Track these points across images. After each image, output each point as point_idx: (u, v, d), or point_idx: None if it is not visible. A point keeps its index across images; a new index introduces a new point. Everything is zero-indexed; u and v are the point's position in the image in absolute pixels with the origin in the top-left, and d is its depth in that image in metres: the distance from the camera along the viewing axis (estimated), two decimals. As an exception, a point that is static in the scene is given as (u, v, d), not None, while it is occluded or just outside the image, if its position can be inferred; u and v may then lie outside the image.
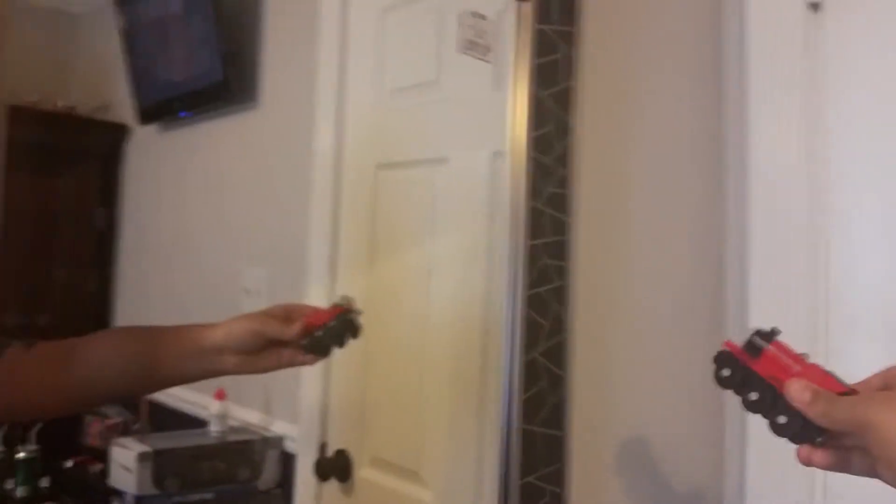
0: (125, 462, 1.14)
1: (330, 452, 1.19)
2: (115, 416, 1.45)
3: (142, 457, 1.15)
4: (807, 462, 0.47)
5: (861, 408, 0.44)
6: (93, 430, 1.49)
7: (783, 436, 0.47)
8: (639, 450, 0.92)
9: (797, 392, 0.46)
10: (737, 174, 0.95)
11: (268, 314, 0.63)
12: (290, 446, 1.27)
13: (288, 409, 1.31)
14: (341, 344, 0.64)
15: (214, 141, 1.52)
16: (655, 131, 0.94)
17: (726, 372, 0.51)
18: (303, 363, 0.63)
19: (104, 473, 1.20)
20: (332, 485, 1.18)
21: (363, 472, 1.16)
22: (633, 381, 0.83)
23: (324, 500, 1.19)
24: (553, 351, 0.78)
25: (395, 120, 1.14)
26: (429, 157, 1.06)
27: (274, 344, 0.62)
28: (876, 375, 0.48)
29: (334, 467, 1.19)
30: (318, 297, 1.22)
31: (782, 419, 0.48)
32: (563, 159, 0.78)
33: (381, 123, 1.18)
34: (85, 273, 1.58)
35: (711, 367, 0.52)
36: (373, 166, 1.17)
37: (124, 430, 1.40)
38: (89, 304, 1.62)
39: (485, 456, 0.92)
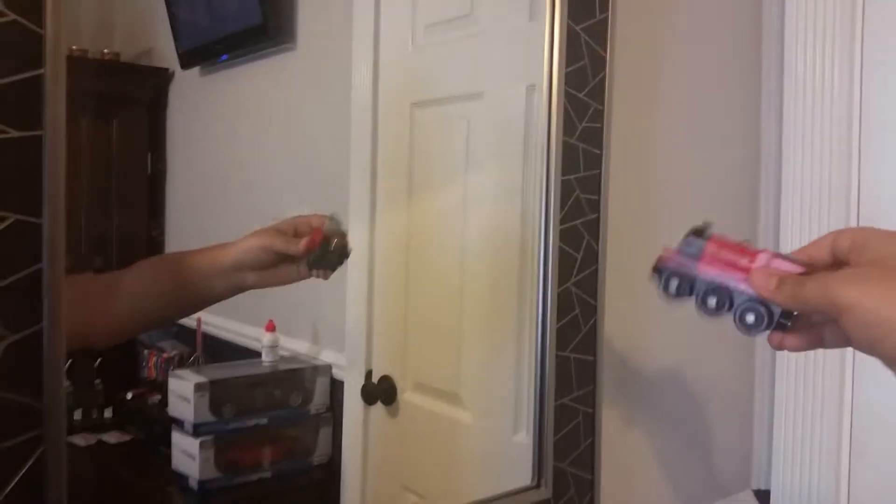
0: (183, 392, 1.22)
1: (375, 378, 1.26)
2: (171, 349, 1.54)
3: (199, 387, 1.22)
4: (779, 347, 0.46)
5: (833, 288, 0.41)
6: (150, 363, 1.58)
7: (754, 332, 0.45)
8: (667, 375, 0.96)
9: (761, 281, 0.44)
10: (773, 102, 0.96)
11: (277, 229, 0.66)
12: (337, 373, 1.34)
13: (334, 339, 1.37)
14: (338, 263, 0.65)
15: (255, 83, 1.55)
16: (690, 65, 0.94)
17: (673, 282, 0.47)
18: (316, 276, 0.66)
19: (163, 404, 1.28)
20: (378, 408, 1.25)
21: (406, 396, 1.22)
22: (662, 309, 0.86)
23: (370, 422, 1.27)
24: (586, 281, 0.82)
25: (429, 57, 1.16)
26: (464, 93, 1.08)
27: (288, 258, 0.64)
28: (821, 241, 0.46)
29: (379, 392, 1.26)
30: (359, 232, 1.27)
31: (750, 317, 0.45)
32: (598, 94, 0.79)
33: (416, 61, 1.20)
34: (137, 217, 1.64)
35: (653, 280, 0.48)
36: (408, 104, 1.19)
37: (180, 363, 1.48)
38: (142, 248, 1.69)
39: (522, 379, 0.97)
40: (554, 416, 0.79)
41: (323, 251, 0.65)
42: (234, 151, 1.71)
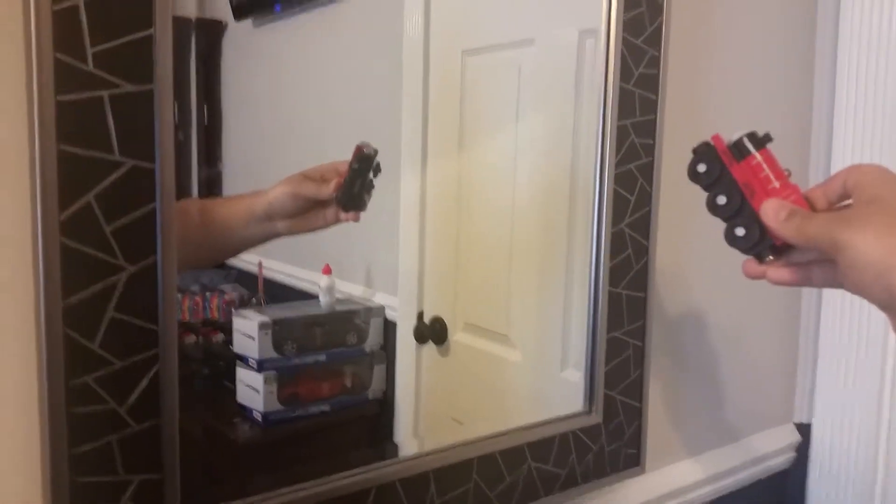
0: (247, 331, 1.29)
1: (426, 319, 1.32)
2: (232, 291, 1.61)
3: (262, 325, 1.29)
4: (755, 276, 0.47)
5: (837, 227, 0.42)
6: (212, 304, 1.65)
7: (735, 246, 0.46)
8: (714, 313, 0.99)
9: (773, 210, 0.45)
10: (827, 46, 0.97)
11: (305, 175, 0.68)
12: (390, 314, 1.40)
13: (388, 282, 1.43)
14: (367, 187, 0.66)
15: (307, 33, 1.58)
16: (745, 13, 0.95)
17: (702, 167, 0.47)
18: (346, 220, 0.68)
19: (227, 342, 1.36)
20: (430, 347, 1.31)
21: (457, 336, 1.28)
22: (710, 251, 0.89)
23: (422, 360, 1.33)
24: (638, 222, 0.85)
25: (480, 3, 1.17)
26: (515, 40, 1.10)
27: (318, 204, 0.66)
28: (836, 177, 0.46)
29: (431, 332, 1.31)
30: (411, 177, 1.31)
31: (740, 231, 0.46)
32: (654, 40, 0.81)
33: (467, 8, 1.21)
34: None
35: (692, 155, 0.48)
36: (459, 52, 1.21)
37: (241, 304, 1.55)
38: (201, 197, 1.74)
39: (570, 318, 1.01)
40: (605, 348, 0.84)
41: (348, 188, 0.66)
42: (286, 101, 1.75)
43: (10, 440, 0.49)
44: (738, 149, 0.47)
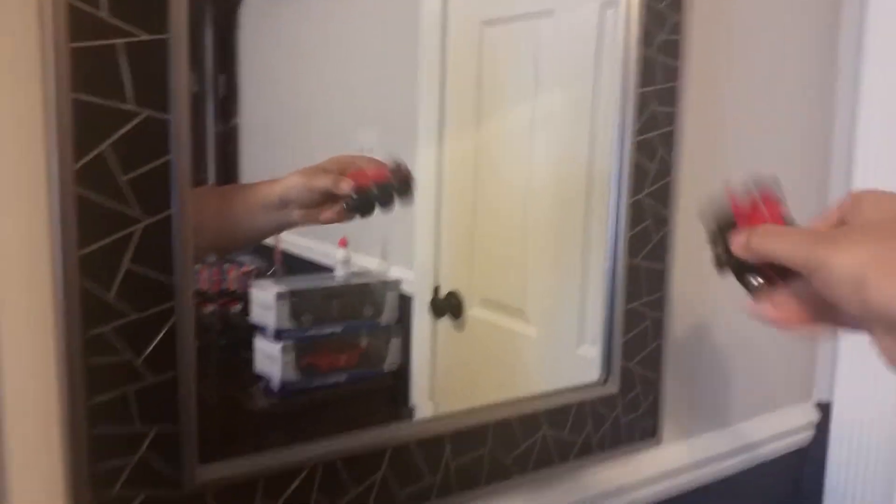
0: (265, 301, 1.29)
1: (442, 294, 1.31)
2: (250, 262, 1.61)
3: (279, 296, 1.29)
4: (760, 316, 0.43)
5: (811, 245, 0.38)
6: (230, 275, 1.66)
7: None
8: (735, 289, 0.98)
9: (739, 237, 0.43)
10: (853, 18, 0.94)
11: (322, 168, 0.66)
12: (406, 288, 1.40)
13: (404, 256, 1.42)
14: (381, 207, 0.65)
15: (325, 4, 1.57)
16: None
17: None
18: (340, 220, 0.66)
19: (244, 312, 1.36)
20: (446, 321, 1.31)
21: (473, 311, 1.27)
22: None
23: (438, 335, 1.33)
24: (659, 192, 0.84)
25: (500, -27, 1.16)
26: (534, 10, 1.08)
27: (332, 197, 0.65)
28: (841, 205, 0.44)
29: (447, 307, 1.31)
30: (428, 151, 1.30)
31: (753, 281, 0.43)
32: (677, 5, 0.79)
33: (486, -22, 1.20)
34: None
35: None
36: (478, 23, 1.20)
37: (259, 275, 1.56)
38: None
39: (587, 294, 1.00)
40: (623, 319, 0.83)
41: (368, 199, 0.65)
42: (303, 74, 1.75)
43: (28, 390, 0.49)
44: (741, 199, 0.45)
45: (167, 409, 0.52)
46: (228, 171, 1.03)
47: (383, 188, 0.66)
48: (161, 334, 0.51)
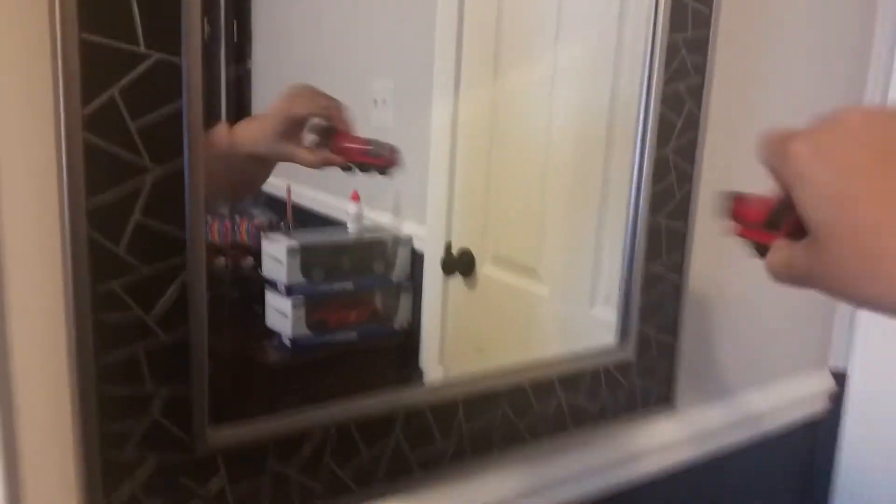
0: (276, 254, 1.28)
1: (454, 251, 1.30)
2: (261, 215, 1.59)
3: (290, 250, 1.28)
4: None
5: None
6: (241, 227, 1.64)
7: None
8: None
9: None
10: None
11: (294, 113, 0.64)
12: (418, 245, 1.38)
13: (416, 211, 1.40)
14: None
15: (339, -52, 1.51)
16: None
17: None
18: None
19: (256, 267, 1.35)
20: (457, 279, 1.29)
21: (485, 269, 1.26)
22: (757, 184, 0.85)
23: (449, 292, 1.32)
24: (684, 148, 0.81)
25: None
26: (557, -43, 1.04)
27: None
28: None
29: (458, 264, 1.30)
30: (443, 104, 1.27)
31: None
32: (711, -52, 0.75)
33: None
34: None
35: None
36: (497, -30, 1.15)
37: (270, 228, 1.54)
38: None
39: (602, 254, 0.98)
40: (642, 282, 0.81)
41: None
42: (318, 21, 1.70)
43: (37, 347, 0.48)
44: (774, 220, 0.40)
45: (178, 367, 0.51)
46: (240, 117, 1.00)
47: (363, 167, 0.66)
48: (172, 290, 0.49)
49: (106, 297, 0.48)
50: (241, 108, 1.62)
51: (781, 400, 1.03)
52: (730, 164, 0.87)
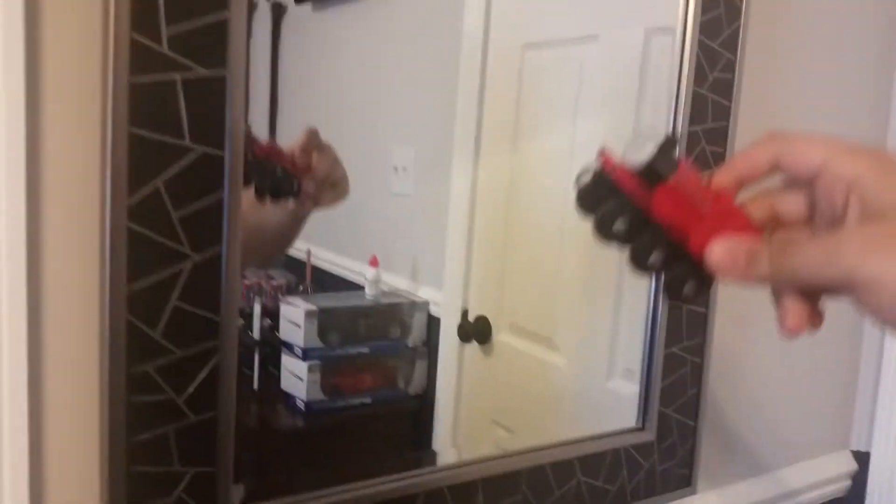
0: (294, 318, 1.29)
1: (471, 318, 1.30)
2: (280, 277, 1.61)
3: (308, 313, 1.29)
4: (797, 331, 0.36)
5: (848, 257, 0.30)
6: (261, 289, 1.65)
7: (684, 301, 0.35)
8: (773, 335, 0.95)
9: (726, 261, 0.33)
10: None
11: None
12: (434, 310, 1.39)
13: (433, 277, 1.41)
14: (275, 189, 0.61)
15: (366, 20, 1.56)
16: (826, 17, 0.91)
17: (611, 207, 0.33)
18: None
19: (273, 328, 1.36)
20: (473, 346, 1.29)
21: (501, 337, 1.26)
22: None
23: (465, 359, 1.32)
24: (704, 232, 0.82)
25: (544, -2, 1.15)
26: (577, 35, 1.07)
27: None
28: (754, 153, 0.35)
29: (475, 331, 1.30)
30: (463, 172, 1.29)
31: (689, 287, 0.34)
32: (731, 44, 0.77)
33: (529, 1, 1.19)
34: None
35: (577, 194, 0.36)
36: (519, 46, 1.19)
37: (289, 291, 1.55)
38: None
39: (619, 327, 0.98)
40: (663, 364, 0.81)
41: (261, 167, 0.58)
42: (342, 88, 1.75)
43: (70, 426, 0.48)
44: (650, 172, 0.32)
45: (206, 450, 0.51)
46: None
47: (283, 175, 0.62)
48: (204, 373, 0.50)
49: (140, 379, 0.49)
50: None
51: (804, 482, 1.02)
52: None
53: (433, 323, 1.41)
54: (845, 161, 0.33)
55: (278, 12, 1.83)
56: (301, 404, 1.11)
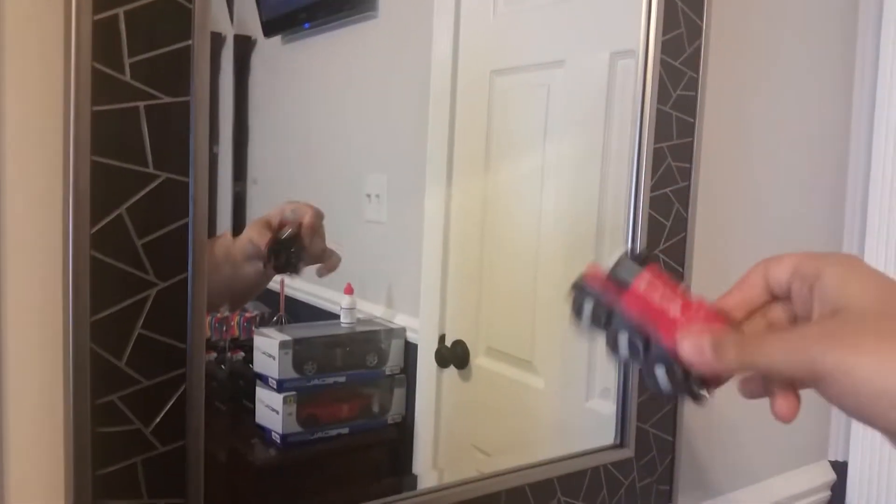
0: (268, 349, 1.27)
1: (448, 343, 1.29)
2: (253, 309, 1.59)
3: (283, 344, 1.27)
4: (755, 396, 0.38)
5: (810, 350, 0.32)
6: (233, 321, 1.63)
7: (662, 393, 0.38)
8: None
9: (693, 346, 0.35)
10: (867, 69, 0.95)
11: (268, 220, 0.64)
12: (411, 336, 1.38)
13: (409, 303, 1.41)
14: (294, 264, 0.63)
15: (335, 51, 1.58)
16: (786, 33, 0.93)
17: (588, 308, 0.40)
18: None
19: (246, 360, 1.34)
20: (451, 371, 1.29)
21: (479, 361, 1.25)
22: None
23: (444, 384, 1.31)
24: (674, 249, 0.83)
25: (510, 24, 1.17)
26: (544, 61, 1.09)
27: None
28: (750, 277, 0.38)
29: (452, 356, 1.29)
30: (435, 198, 1.30)
31: (660, 373, 0.37)
32: (693, 62, 0.79)
33: (497, 28, 1.20)
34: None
35: (568, 298, 0.42)
36: (488, 72, 1.20)
37: (262, 322, 1.54)
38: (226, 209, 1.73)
39: (596, 350, 0.99)
40: (639, 380, 0.81)
41: (273, 251, 0.61)
42: (313, 117, 1.76)
43: (34, 459, 0.47)
44: (617, 278, 0.39)
45: (175, 481, 0.50)
46: (237, 222, 1.02)
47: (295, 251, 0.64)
48: (171, 402, 0.49)
49: (105, 409, 0.48)
50: (237, 215, 1.63)
51: (783, 493, 1.02)
52: (721, 261, 0.89)
53: (410, 349, 1.40)
54: (810, 263, 0.36)
55: (247, 45, 1.83)
56: (277, 437, 1.09)
